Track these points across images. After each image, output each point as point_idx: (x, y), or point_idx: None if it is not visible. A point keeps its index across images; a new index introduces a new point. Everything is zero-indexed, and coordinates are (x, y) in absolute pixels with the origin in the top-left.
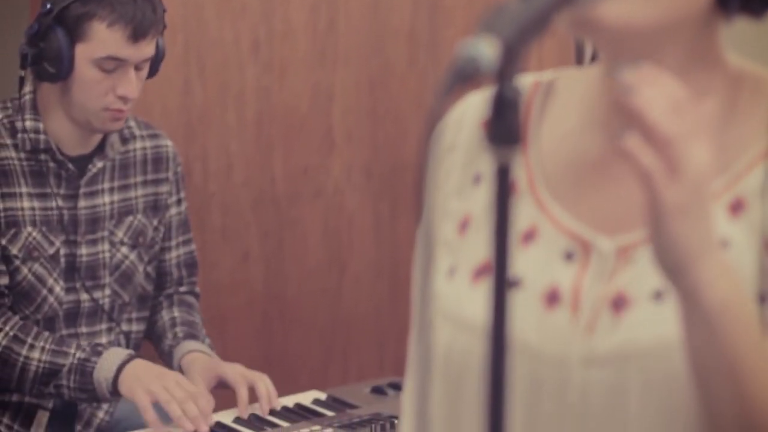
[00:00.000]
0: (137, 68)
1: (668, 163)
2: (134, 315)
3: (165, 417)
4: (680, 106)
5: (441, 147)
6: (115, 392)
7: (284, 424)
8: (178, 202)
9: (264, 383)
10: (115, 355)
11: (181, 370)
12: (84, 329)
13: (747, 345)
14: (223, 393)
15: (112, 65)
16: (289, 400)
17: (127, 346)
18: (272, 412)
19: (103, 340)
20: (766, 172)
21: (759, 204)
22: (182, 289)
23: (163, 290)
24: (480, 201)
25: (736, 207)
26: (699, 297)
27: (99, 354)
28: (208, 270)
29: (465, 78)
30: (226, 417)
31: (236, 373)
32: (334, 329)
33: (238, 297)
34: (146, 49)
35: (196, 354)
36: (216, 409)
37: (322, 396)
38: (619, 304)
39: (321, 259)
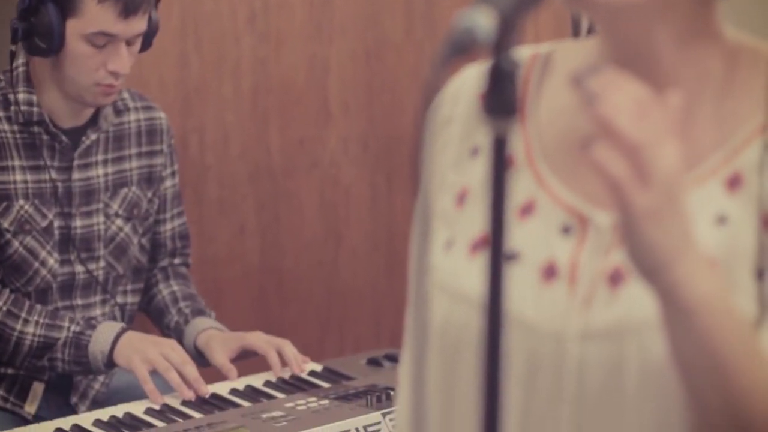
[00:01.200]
0: (129, 43)
1: (637, 169)
2: (129, 287)
3: (163, 387)
4: (645, 107)
5: (438, 119)
6: (110, 364)
7: (280, 395)
8: (173, 174)
9: (290, 347)
10: (109, 328)
11: (196, 348)
12: (79, 301)
13: (730, 338)
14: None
15: (102, 41)
16: (285, 372)
17: (122, 319)
18: (268, 384)
19: (97, 312)
20: (764, 146)
21: (756, 179)
22: (176, 261)
23: (156, 262)
24: (478, 174)
25: (734, 182)
26: (677, 295)
27: (93, 327)
28: (204, 242)
29: (461, 49)
30: (222, 389)
31: (262, 340)
32: (330, 301)
33: (234, 269)
34: (137, 25)
35: (212, 331)
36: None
37: (318, 367)
38: (615, 278)
39: (317, 232)
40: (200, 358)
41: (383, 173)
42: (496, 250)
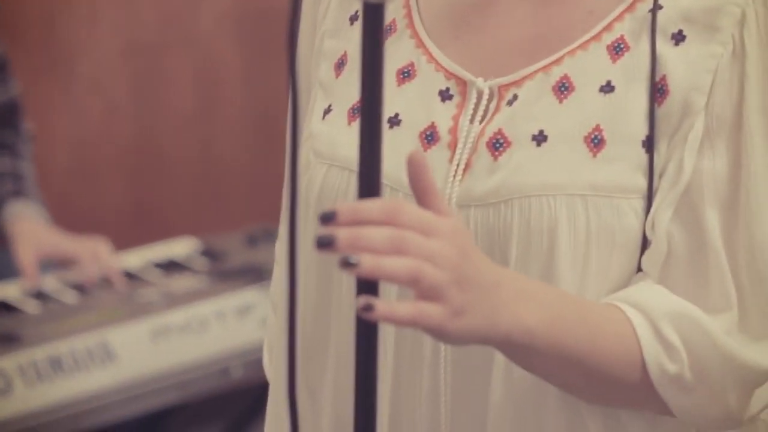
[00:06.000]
0: None
1: (424, 291)
2: None
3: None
4: (393, 216)
5: None
6: None
7: (155, 276)
8: None
9: (104, 247)
10: None
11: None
12: None
13: (577, 341)
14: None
15: None
16: (162, 250)
17: None
18: (143, 265)
19: None
20: (648, 10)
21: (642, 45)
22: (5, 132)
23: None
24: (356, 40)
25: (618, 49)
26: (512, 343)
27: None
28: (75, 122)
29: None
30: None
31: (75, 245)
32: (207, 178)
33: (108, 148)
34: None
35: (27, 225)
36: None
37: (195, 246)
38: (498, 145)
39: (192, 108)
40: None
41: (257, 47)
42: (367, 118)
